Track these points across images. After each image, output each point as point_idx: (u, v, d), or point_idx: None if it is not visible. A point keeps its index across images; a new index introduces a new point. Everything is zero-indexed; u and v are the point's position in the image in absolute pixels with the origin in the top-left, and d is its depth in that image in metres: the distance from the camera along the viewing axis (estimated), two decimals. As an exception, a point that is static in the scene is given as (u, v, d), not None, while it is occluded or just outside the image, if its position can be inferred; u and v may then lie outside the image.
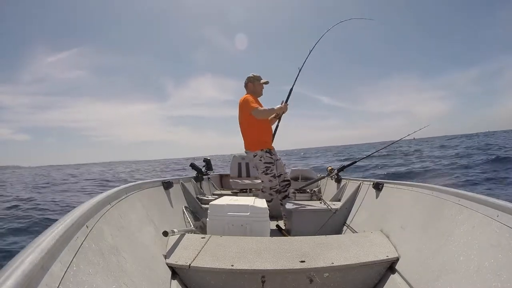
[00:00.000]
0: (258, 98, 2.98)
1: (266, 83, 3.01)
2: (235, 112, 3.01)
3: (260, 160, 2.80)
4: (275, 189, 2.86)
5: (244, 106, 2.84)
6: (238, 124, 2.98)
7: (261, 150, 2.82)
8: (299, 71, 3.17)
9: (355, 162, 3.51)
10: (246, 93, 2.99)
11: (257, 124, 2.83)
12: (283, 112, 2.96)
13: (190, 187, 3.26)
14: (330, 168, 3.66)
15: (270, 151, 2.86)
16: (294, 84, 3.15)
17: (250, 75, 2.99)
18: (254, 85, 2.97)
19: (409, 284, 1.25)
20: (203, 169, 3.94)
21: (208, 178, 4.30)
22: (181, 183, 2.93)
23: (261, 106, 2.87)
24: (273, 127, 3.13)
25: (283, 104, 2.94)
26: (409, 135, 3.34)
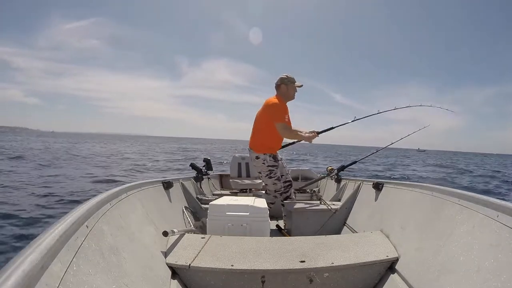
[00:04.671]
0: (287, 103, 2.76)
1: (300, 86, 2.77)
2: (247, 97, 2.84)
3: (263, 163, 2.73)
4: (279, 192, 2.81)
5: (271, 112, 2.64)
6: (254, 119, 2.82)
7: (265, 154, 2.73)
8: (354, 120, 3.10)
9: (355, 162, 3.51)
10: (276, 94, 2.76)
11: (272, 130, 2.68)
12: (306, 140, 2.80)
13: (190, 187, 3.26)
14: (330, 168, 3.66)
15: (275, 156, 2.80)
16: (339, 125, 3.04)
17: (284, 75, 2.71)
18: (287, 87, 2.70)
19: (409, 284, 1.25)
20: (203, 169, 3.93)
21: (208, 178, 4.30)
22: (181, 183, 2.93)
23: (288, 115, 2.70)
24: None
25: (313, 133, 2.77)
26: (408, 135, 3.39)
